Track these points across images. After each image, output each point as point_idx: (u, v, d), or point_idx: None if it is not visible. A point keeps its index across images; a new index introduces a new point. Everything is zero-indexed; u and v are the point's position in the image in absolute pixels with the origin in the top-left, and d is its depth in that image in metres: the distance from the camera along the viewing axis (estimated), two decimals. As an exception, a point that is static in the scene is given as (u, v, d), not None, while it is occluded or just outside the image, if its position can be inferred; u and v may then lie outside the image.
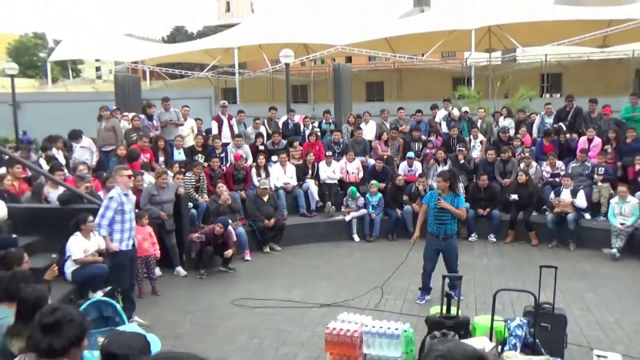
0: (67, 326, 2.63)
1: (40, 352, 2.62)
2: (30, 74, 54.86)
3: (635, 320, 6.74)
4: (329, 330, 5.37)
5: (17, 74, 23.25)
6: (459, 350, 1.68)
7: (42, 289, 3.77)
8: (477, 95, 17.91)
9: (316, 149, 12.48)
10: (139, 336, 2.62)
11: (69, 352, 2.62)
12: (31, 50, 60.24)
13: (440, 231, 7.37)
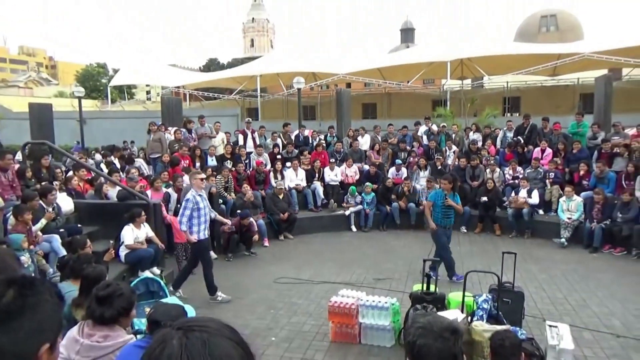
0: (117, 299, 2.61)
1: (95, 319, 2.60)
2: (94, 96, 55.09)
3: (579, 296, 6.67)
4: (331, 303, 5.34)
5: (83, 96, 23.33)
6: (437, 323, 1.66)
7: (101, 268, 3.74)
8: (451, 114, 17.80)
9: (322, 157, 12.43)
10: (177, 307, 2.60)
11: (119, 320, 2.60)
12: (95, 77, 60.48)
13: (447, 223, 7.44)
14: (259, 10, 73.32)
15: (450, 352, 1.56)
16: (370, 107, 32.47)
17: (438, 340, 1.57)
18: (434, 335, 1.58)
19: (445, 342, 1.57)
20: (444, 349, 1.56)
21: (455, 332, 1.61)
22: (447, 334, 1.58)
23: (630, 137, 11.20)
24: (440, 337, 1.57)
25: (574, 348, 4.29)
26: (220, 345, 0.86)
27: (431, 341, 1.58)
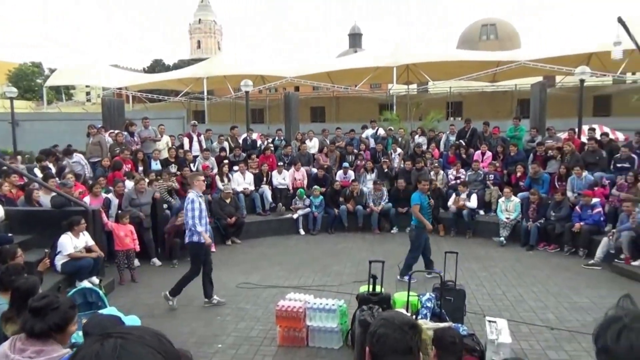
0: (50, 313, 2.47)
1: (27, 332, 2.46)
2: (28, 97, 52.13)
3: (517, 292, 6.98)
4: (279, 307, 5.32)
5: (16, 96, 22.03)
6: (398, 317, 1.75)
7: (34, 279, 3.54)
8: (397, 118, 18.25)
9: (270, 160, 12.38)
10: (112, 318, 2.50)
11: (52, 335, 2.47)
12: (29, 76, 57.21)
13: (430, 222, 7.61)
14: (206, 11, 72.10)
15: (406, 344, 1.64)
16: (318, 110, 32.72)
17: (397, 331, 1.65)
18: (393, 327, 1.66)
19: (403, 334, 1.65)
20: (401, 340, 1.64)
21: (414, 327, 1.69)
22: (406, 328, 1.66)
23: (562, 140, 11.91)
24: (400, 329, 1.66)
25: (511, 341, 4.49)
26: (133, 352, 0.85)
27: (390, 331, 1.66)
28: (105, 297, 5.38)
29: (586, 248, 8.81)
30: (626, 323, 0.81)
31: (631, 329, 0.80)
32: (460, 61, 27.85)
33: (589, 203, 9.12)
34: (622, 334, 0.81)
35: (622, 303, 0.85)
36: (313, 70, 30.19)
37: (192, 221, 6.29)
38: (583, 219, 9.06)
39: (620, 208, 8.73)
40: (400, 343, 1.64)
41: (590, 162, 10.42)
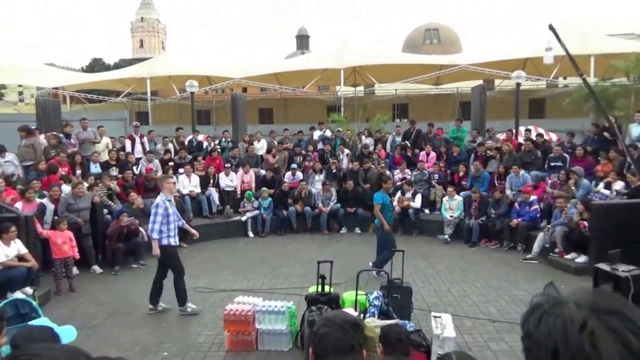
0: None
1: None
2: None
3: (461, 287, 7.22)
4: (227, 311, 5.23)
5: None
6: (340, 316, 1.77)
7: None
8: (345, 120, 18.42)
9: (217, 162, 12.17)
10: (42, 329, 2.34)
11: None
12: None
13: (392, 221, 7.89)
14: (149, 9, 69.99)
15: (348, 343, 1.66)
16: (266, 112, 32.51)
17: (337, 330, 1.67)
18: (334, 326, 1.68)
19: (344, 333, 1.67)
20: (342, 339, 1.66)
21: (355, 325, 1.71)
22: (347, 326, 1.68)
23: (501, 141, 12.46)
24: (341, 328, 1.67)
25: (455, 335, 4.63)
26: None
27: (331, 331, 1.68)
28: (39, 308, 5.08)
29: (524, 243, 9.25)
30: (546, 309, 0.84)
31: (550, 314, 0.83)
32: (405, 64, 28.54)
33: (527, 200, 9.58)
34: (541, 320, 0.84)
35: (547, 291, 0.89)
36: (261, 71, 29.97)
37: (151, 225, 6.16)
38: (521, 215, 9.51)
39: (554, 205, 9.22)
40: (342, 342, 1.65)
41: (526, 162, 10.96)
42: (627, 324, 0.78)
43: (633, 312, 0.81)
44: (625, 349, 0.76)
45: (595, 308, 0.81)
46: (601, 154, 10.03)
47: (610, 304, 0.82)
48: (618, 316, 0.80)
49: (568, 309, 0.82)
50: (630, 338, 0.76)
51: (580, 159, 10.33)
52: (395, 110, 28.57)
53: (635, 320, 0.79)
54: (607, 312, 0.80)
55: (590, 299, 0.83)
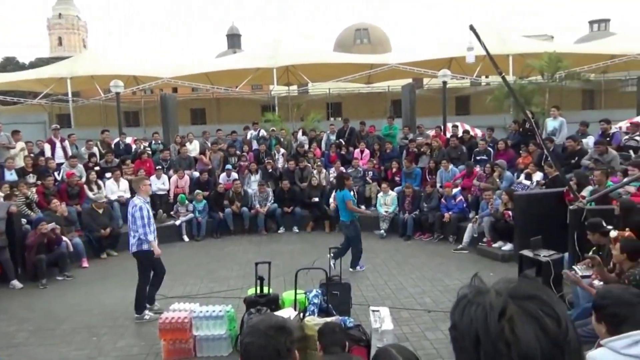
0: None
1: None
2: None
3: (397, 280, 7.41)
4: (162, 320, 5.03)
5: None
6: (264, 322, 1.75)
7: None
8: (279, 119, 18.38)
9: (147, 165, 11.69)
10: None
11: None
12: None
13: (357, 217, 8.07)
14: (67, 5, 65.89)
15: (272, 348, 1.65)
16: (199, 112, 31.75)
17: (261, 337, 1.66)
18: (258, 334, 1.68)
19: (268, 339, 1.66)
20: (266, 346, 1.65)
21: (280, 329, 1.70)
22: (271, 332, 1.67)
23: (430, 137, 12.94)
24: (264, 335, 1.67)
25: (393, 328, 4.74)
26: None
27: (255, 339, 1.68)
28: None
29: (455, 234, 9.66)
30: (469, 299, 0.87)
31: (472, 304, 0.85)
32: (338, 63, 28.94)
33: (450, 194, 10.03)
34: (465, 310, 0.86)
35: (472, 282, 0.91)
36: (191, 70, 29.20)
37: (142, 230, 5.93)
38: (449, 209, 9.93)
39: (481, 197, 9.71)
40: (265, 349, 1.65)
41: (453, 157, 11.45)
42: (543, 308, 0.82)
43: (550, 297, 0.85)
44: (542, 332, 0.79)
45: (514, 294, 0.84)
46: (522, 147, 10.68)
47: (528, 290, 0.85)
48: (535, 301, 0.83)
49: (489, 297, 0.84)
50: (546, 321, 0.80)
51: (503, 153, 10.93)
52: (329, 109, 28.91)
53: (552, 304, 0.83)
54: (525, 298, 0.83)
55: (510, 286, 0.86)
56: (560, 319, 0.81)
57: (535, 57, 23.34)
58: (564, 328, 0.81)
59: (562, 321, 0.81)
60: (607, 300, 2.27)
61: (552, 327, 0.80)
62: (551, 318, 0.81)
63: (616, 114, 18.85)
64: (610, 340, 2.07)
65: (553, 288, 5.64)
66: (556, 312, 0.82)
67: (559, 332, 0.80)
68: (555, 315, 0.82)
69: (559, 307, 0.84)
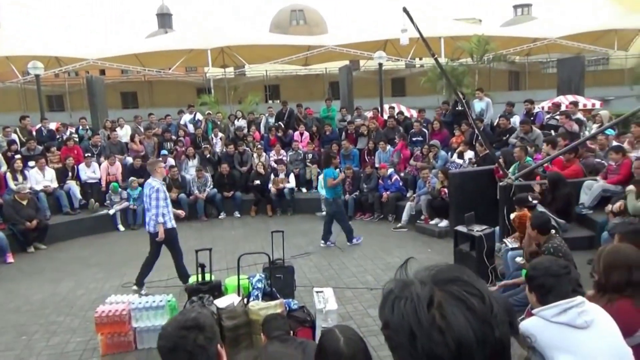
0: None
1: None
2: None
3: (340, 260, 7.51)
4: (98, 314, 4.82)
5: None
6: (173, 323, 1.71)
7: None
8: (216, 102, 17.94)
9: (75, 152, 11.03)
10: None
11: None
12: None
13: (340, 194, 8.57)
14: (-25, -21, 60.17)
15: (183, 349, 1.63)
16: (130, 95, 30.29)
17: (170, 340, 1.64)
18: (167, 336, 1.65)
19: (177, 341, 1.63)
20: (175, 348, 1.63)
21: (190, 328, 1.65)
22: (181, 332, 1.64)
23: (368, 118, 13.12)
24: (173, 336, 1.64)
25: (337, 307, 4.81)
26: None
27: (164, 342, 1.65)
28: None
29: (394, 213, 9.92)
30: (396, 294, 0.87)
31: (400, 298, 0.86)
32: (274, 45, 28.52)
33: (385, 175, 10.27)
34: (394, 306, 0.86)
35: (397, 275, 0.91)
36: (120, 51, 27.62)
37: (155, 210, 6.16)
38: (387, 189, 10.17)
39: (418, 176, 10.00)
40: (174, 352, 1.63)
41: (390, 138, 11.69)
42: (466, 288, 0.84)
43: (469, 276, 0.87)
44: (470, 312, 0.81)
45: (437, 280, 0.85)
46: (454, 127, 11.09)
47: (448, 273, 0.87)
48: (458, 283, 0.85)
49: (414, 288, 0.85)
50: (472, 301, 0.82)
51: (438, 133, 11.30)
52: (266, 91, 28.52)
53: (473, 283, 0.85)
54: (447, 282, 0.85)
55: (431, 273, 0.87)
56: (483, 296, 0.83)
57: (465, 39, 24.20)
58: (488, 304, 0.82)
59: (485, 297, 0.83)
60: (537, 271, 2.40)
61: (478, 305, 0.81)
62: (475, 297, 0.82)
63: (539, 94, 20.05)
64: (541, 309, 2.19)
65: (486, 260, 5.96)
66: (479, 290, 0.84)
67: (485, 308, 0.82)
68: (479, 293, 0.83)
69: (480, 284, 0.86)
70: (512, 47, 28.21)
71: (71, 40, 31.25)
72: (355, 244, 8.29)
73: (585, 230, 7.09)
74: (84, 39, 32.71)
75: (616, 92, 24.16)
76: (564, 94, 15.13)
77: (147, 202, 6.32)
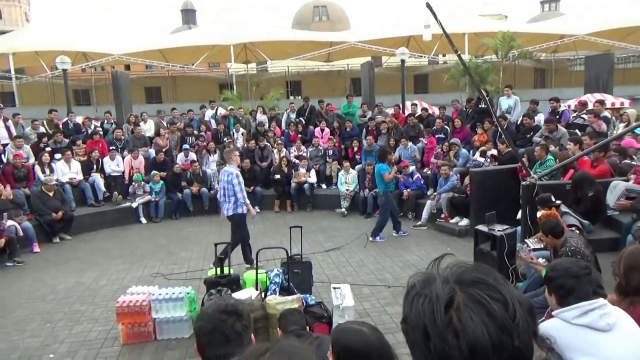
0: None
1: None
2: None
3: (358, 257, 7.50)
4: (119, 304, 4.92)
5: None
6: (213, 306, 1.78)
7: None
8: (238, 98, 18.06)
9: (100, 145, 11.26)
10: None
11: None
12: None
13: None
14: (7, -24, 61.74)
15: (221, 332, 1.67)
16: (154, 90, 30.71)
17: (209, 322, 1.69)
18: (207, 318, 1.71)
19: (216, 323, 1.68)
20: (213, 330, 1.68)
21: (229, 313, 1.70)
22: (220, 316, 1.69)
23: (390, 115, 13.03)
24: (213, 318, 1.69)
25: (354, 304, 4.82)
26: None
27: (204, 323, 1.70)
28: None
29: (414, 211, 9.85)
30: (418, 290, 0.86)
31: (420, 295, 0.85)
32: (296, 41, 28.56)
33: (407, 172, 10.19)
34: (414, 302, 0.85)
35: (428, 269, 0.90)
36: (144, 47, 28.10)
37: (241, 194, 6.77)
38: (407, 187, 10.09)
39: (438, 174, 9.90)
40: (212, 334, 1.67)
41: (412, 135, 11.60)
42: (489, 292, 0.81)
43: (496, 280, 0.84)
44: (489, 317, 0.78)
45: (460, 280, 0.83)
46: (477, 125, 10.93)
47: (474, 274, 0.84)
48: (481, 286, 0.82)
49: (435, 287, 0.84)
50: (492, 306, 0.79)
51: (459, 131, 11.16)
52: (288, 87, 28.57)
53: (498, 287, 0.82)
54: (471, 284, 0.83)
55: (457, 272, 0.85)
56: (507, 302, 0.80)
57: (490, 36, 23.79)
58: (511, 311, 0.80)
59: (509, 304, 0.80)
60: (556, 272, 2.34)
61: (499, 311, 0.79)
62: (498, 302, 0.80)
63: (565, 92, 19.58)
64: (562, 311, 2.15)
65: (507, 261, 5.87)
66: (503, 295, 0.81)
67: (506, 315, 0.79)
68: (503, 298, 0.81)
69: (506, 289, 0.82)
70: (538, 43, 27.64)
71: (97, 36, 31.85)
72: (376, 240, 8.29)
73: (611, 232, 6.92)
74: (110, 35, 33.32)
75: (647, 90, 23.44)
76: (591, 92, 14.74)
77: (225, 189, 6.81)
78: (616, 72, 18.63)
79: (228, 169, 6.88)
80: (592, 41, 27.08)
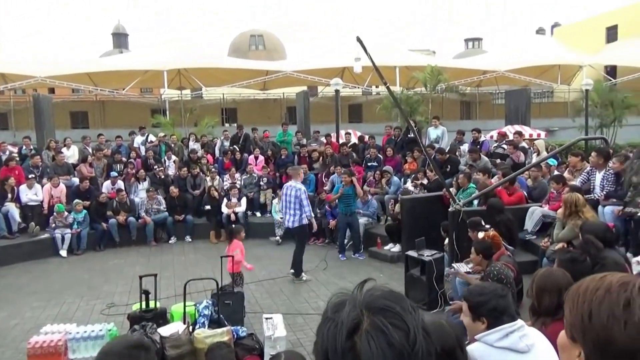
0: None
1: None
2: None
3: (293, 286, 7.45)
4: (31, 345, 4.54)
5: None
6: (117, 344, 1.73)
7: None
8: (171, 124, 17.67)
9: (16, 173, 10.53)
10: None
11: None
12: None
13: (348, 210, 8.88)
14: None
15: None
16: (80, 115, 29.32)
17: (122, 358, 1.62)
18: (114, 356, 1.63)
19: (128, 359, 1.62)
20: None
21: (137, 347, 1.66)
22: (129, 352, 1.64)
23: (324, 143, 13.26)
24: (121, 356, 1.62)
25: (286, 334, 4.75)
26: None
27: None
28: None
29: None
30: (328, 315, 0.88)
31: (328, 320, 0.87)
32: (232, 69, 28.53)
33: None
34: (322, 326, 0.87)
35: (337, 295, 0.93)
36: (70, 70, 26.84)
37: (308, 208, 7.49)
38: (334, 216, 10.19)
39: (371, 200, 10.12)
40: None
41: (344, 164, 11.82)
42: (392, 321, 0.83)
43: (403, 307, 0.85)
44: (388, 345, 0.80)
45: (369, 307, 0.85)
46: (407, 153, 11.37)
47: (382, 301, 0.86)
48: (387, 313, 0.84)
49: (344, 312, 0.85)
50: (393, 334, 0.81)
51: (391, 159, 11.55)
52: (223, 114, 28.34)
53: (402, 316, 0.84)
54: (378, 311, 0.84)
55: (366, 299, 0.87)
56: (409, 331, 0.82)
57: (419, 69, 25.06)
58: (412, 340, 0.81)
59: (410, 333, 0.82)
60: (485, 296, 2.33)
61: (399, 340, 0.80)
62: (400, 330, 0.82)
63: (489, 123, 20.90)
64: (485, 334, 2.21)
65: (435, 285, 6.06)
66: (406, 324, 0.83)
67: (406, 344, 0.81)
68: (405, 327, 0.82)
69: (410, 318, 0.84)
70: (463, 78, 29.42)
71: (19, 57, 30.15)
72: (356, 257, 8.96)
73: (529, 255, 7.36)
74: (33, 57, 31.62)
75: (560, 123, 25.53)
76: (512, 124, 15.87)
77: (290, 202, 7.44)
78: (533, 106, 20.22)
79: (295, 185, 7.50)
80: (512, 77, 29.28)
